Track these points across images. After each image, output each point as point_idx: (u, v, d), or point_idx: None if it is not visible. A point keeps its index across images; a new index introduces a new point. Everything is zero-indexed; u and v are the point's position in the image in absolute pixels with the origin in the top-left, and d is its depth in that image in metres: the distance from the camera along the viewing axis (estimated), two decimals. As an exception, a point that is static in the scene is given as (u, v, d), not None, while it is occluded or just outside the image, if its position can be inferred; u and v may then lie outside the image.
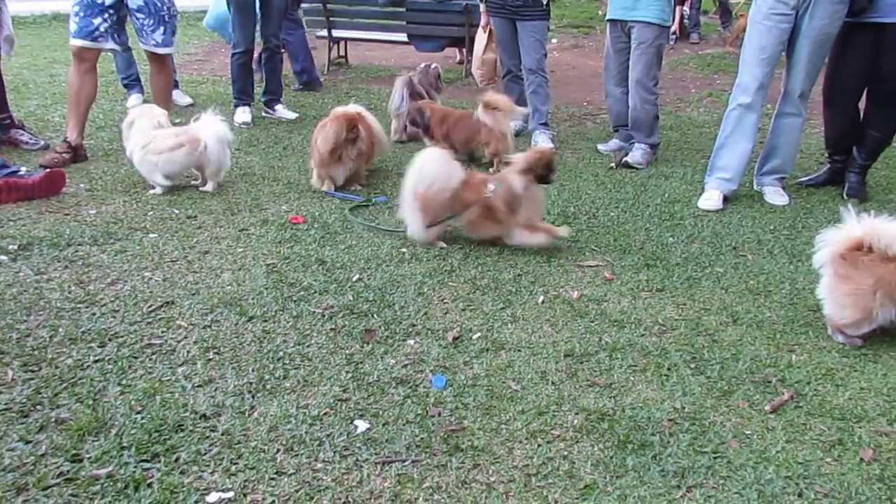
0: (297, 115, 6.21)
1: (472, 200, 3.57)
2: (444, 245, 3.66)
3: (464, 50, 8.47)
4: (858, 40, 4.26)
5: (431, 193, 3.52)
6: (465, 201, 3.58)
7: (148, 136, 4.17)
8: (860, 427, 2.34)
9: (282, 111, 6.20)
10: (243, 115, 5.95)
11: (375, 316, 2.95)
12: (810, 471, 2.12)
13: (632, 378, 2.58)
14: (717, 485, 2.05)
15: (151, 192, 4.24)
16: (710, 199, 4.38)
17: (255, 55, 6.10)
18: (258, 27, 5.87)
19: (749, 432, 2.29)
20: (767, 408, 2.42)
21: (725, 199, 4.41)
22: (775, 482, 2.06)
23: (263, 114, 6.19)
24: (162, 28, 4.84)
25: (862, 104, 4.55)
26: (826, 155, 4.87)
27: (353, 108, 4.58)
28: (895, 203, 4.41)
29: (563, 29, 12.26)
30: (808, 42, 4.13)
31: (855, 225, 2.79)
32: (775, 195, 4.48)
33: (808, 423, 2.35)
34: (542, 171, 3.59)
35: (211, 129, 4.26)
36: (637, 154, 5.07)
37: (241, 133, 5.66)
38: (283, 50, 6.24)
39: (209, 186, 4.33)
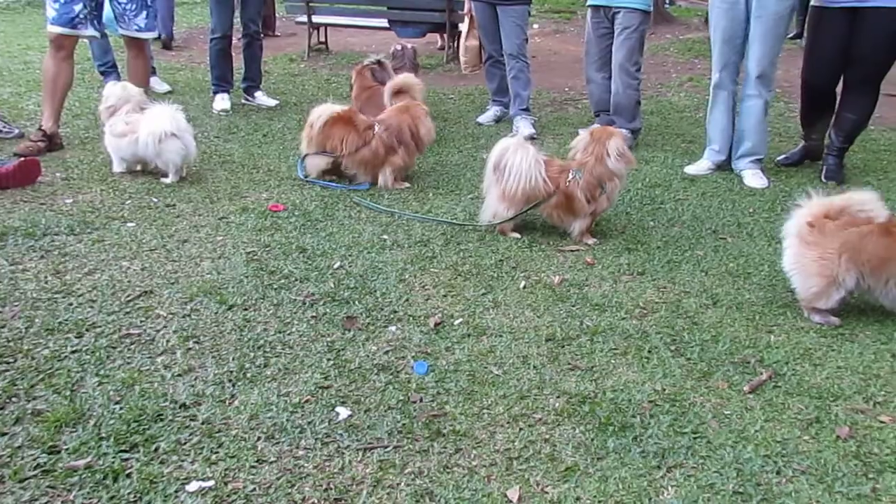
0: (276, 101, 6.16)
1: (553, 189, 3.53)
2: (518, 235, 3.64)
3: (445, 36, 8.43)
4: (833, 24, 4.31)
5: (517, 185, 3.48)
6: (546, 191, 3.53)
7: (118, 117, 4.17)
8: (837, 405, 2.37)
9: (261, 98, 6.14)
10: (222, 102, 5.89)
11: (357, 303, 2.94)
12: (788, 449, 2.14)
13: (613, 361, 2.59)
14: (696, 464, 2.07)
15: (164, 180, 4.20)
16: (696, 165, 4.72)
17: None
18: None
19: (728, 412, 2.31)
20: (746, 388, 2.44)
21: (718, 169, 4.65)
22: (754, 461, 2.08)
23: (243, 101, 6.12)
24: (145, 12, 4.77)
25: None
26: (802, 133, 4.92)
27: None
28: (872, 185, 4.44)
29: (545, 14, 12.23)
30: (759, 23, 4.22)
31: (818, 199, 2.85)
32: (753, 178, 4.51)
33: (786, 403, 2.37)
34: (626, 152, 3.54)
35: (151, 123, 4.08)
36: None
37: (221, 120, 5.61)
38: (262, 35, 6.15)
39: (168, 178, 4.21)
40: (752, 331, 2.83)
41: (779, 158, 4.92)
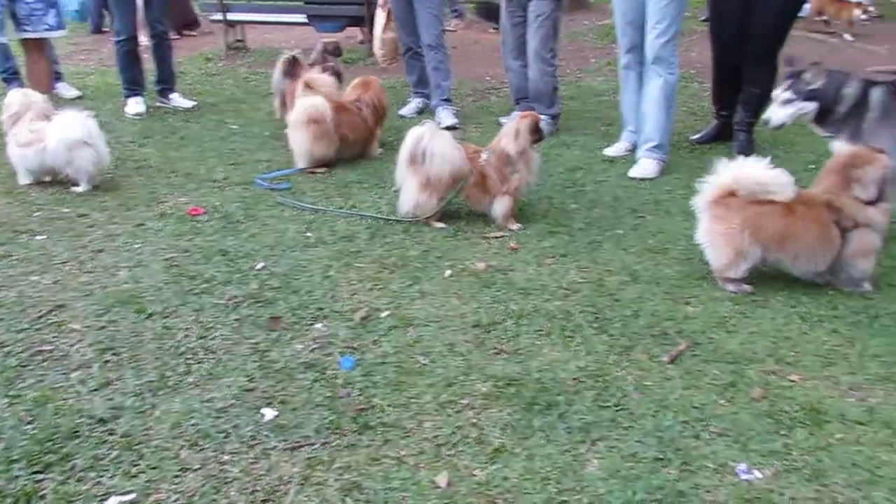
0: (194, 103, 5.99)
1: (470, 172, 3.59)
2: (443, 225, 3.64)
3: (365, 29, 8.36)
4: (729, 2, 4.48)
5: (444, 168, 3.50)
6: (470, 170, 3.58)
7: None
8: (750, 369, 2.47)
9: (177, 100, 5.97)
10: (136, 105, 5.70)
11: (281, 303, 2.90)
12: (705, 413, 2.23)
13: (538, 342, 2.63)
14: (619, 436, 2.13)
15: (75, 189, 4.05)
16: (615, 147, 4.80)
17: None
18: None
19: (649, 383, 2.38)
20: (666, 359, 2.52)
21: (636, 149, 4.64)
22: (673, 427, 2.16)
23: (158, 103, 5.94)
24: (53, 10, 4.59)
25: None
26: (714, 111, 5.07)
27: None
28: (781, 158, 4.62)
29: (464, 5, 12.25)
30: (653, 5, 4.25)
31: (725, 172, 2.95)
32: (636, 168, 4.44)
33: (703, 370, 2.46)
34: (533, 134, 3.63)
35: (60, 131, 3.93)
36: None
37: (135, 125, 5.44)
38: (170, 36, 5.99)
39: (80, 187, 4.06)
40: (670, 304, 2.92)
41: (693, 137, 5.06)
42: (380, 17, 6.68)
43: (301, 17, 8.32)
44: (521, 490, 1.92)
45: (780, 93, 3.61)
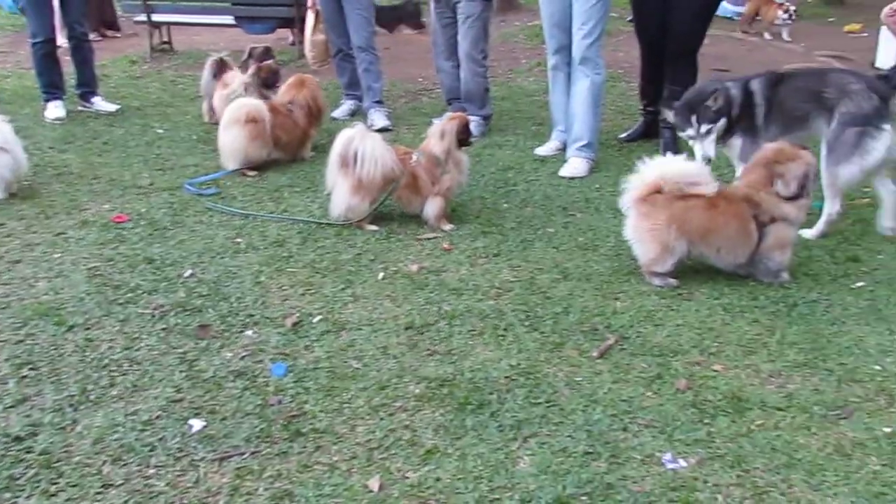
0: (117, 106, 5.81)
1: (401, 174, 3.57)
2: (376, 228, 3.62)
3: (296, 30, 8.25)
4: (649, 1, 4.63)
5: (376, 170, 3.46)
6: (401, 172, 3.56)
7: None
8: (676, 360, 2.54)
9: (100, 103, 5.77)
10: (55, 110, 5.49)
11: (210, 310, 2.84)
12: (633, 406, 2.28)
13: (470, 342, 2.65)
14: (550, 431, 2.16)
15: None
16: (546, 147, 4.85)
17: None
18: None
19: (580, 378, 2.43)
20: (595, 354, 2.57)
21: (565, 149, 4.69)
22: (602, 421, 2.20)
23: (79, 107, 5.73)
24: None
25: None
26: (641, 107, 5.19)
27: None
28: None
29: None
30: (579, 6, 4.33)
31: (649, 169, 3.03)
32: (566, 167, 4.49)
33: (631, 363, 2.52)
34: (460, 136, 3.64)
35: None
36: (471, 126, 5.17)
37: (55, 130, 5.24)
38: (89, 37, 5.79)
39: None
40: (600, 299, 2.98)
41: (621, 136, 5.18)
42: (309, 18, 6.61)
43: (229, 19, 8.17)
44: (454, 490, 1.92)
45: (698, 130, 3.66)
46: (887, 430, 2.18)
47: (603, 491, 1.93)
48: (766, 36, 9.12)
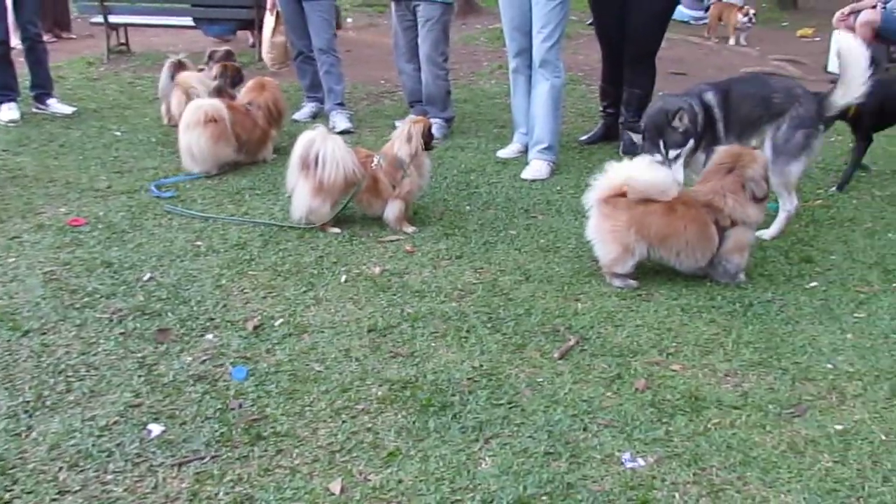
0: (74, 109, 5.69)
1: (362, 176, 3.57)
2: (338, 230, 3.60)
3: (256, 32, 8.18)
4: (607, 4, 4.72)
5: (336, 173, 3.45)
6: (362, 175, 3.56)
7: None
8: (636, 360, 2.58)
9: (55, 105, 5.65)
10: (9, 112, 5.36)
11: (170, 314, 2.81)
12: (593, 406, 2.31)
13: (433, 344, 2.66)
14: (511, 432, 2.18)
15: None
16: (507, 149, 4.88)
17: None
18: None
19: (541, 379, 2.46)
20: (556, 355, 2.60)
21: (527, 151, 4.72)
22: (563, 421, 2.23)
23: (34, 109, 5.61)
24: None
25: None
26: (601, 109, 5.26)
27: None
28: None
29: (359, 8, 12.19)
30: (538, 10, 4.37)
31: (614, 172, 3.07)
32: (527, 169, 4.51)
33: (591, 364, 2.55)
34: (423, 139, 3.64)
35: None
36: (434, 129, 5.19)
37: (9, 132, 5.11)
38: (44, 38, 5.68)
39: None
40: (561, 301, 3.01)
41: (582, 138, 5.24)
42: (268, 20, 6.58)
43: (187, 20, 8.06)
44: (416, 492, 1.93)
45: (667, 156, 3.58)
46: (839, 427, 2.25)
47: (563, 491, 1.95)
48: (731, 41, 9.25)
